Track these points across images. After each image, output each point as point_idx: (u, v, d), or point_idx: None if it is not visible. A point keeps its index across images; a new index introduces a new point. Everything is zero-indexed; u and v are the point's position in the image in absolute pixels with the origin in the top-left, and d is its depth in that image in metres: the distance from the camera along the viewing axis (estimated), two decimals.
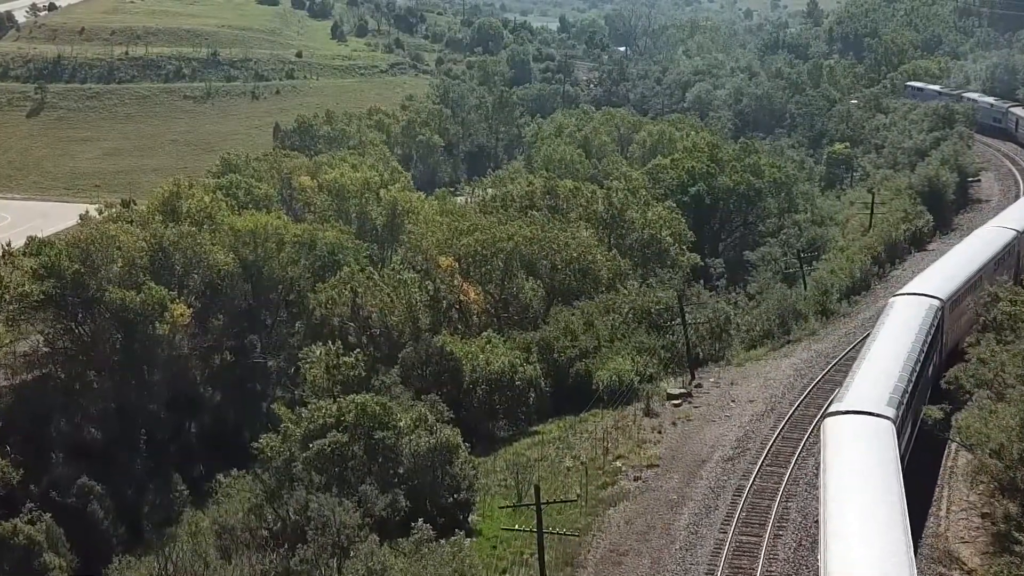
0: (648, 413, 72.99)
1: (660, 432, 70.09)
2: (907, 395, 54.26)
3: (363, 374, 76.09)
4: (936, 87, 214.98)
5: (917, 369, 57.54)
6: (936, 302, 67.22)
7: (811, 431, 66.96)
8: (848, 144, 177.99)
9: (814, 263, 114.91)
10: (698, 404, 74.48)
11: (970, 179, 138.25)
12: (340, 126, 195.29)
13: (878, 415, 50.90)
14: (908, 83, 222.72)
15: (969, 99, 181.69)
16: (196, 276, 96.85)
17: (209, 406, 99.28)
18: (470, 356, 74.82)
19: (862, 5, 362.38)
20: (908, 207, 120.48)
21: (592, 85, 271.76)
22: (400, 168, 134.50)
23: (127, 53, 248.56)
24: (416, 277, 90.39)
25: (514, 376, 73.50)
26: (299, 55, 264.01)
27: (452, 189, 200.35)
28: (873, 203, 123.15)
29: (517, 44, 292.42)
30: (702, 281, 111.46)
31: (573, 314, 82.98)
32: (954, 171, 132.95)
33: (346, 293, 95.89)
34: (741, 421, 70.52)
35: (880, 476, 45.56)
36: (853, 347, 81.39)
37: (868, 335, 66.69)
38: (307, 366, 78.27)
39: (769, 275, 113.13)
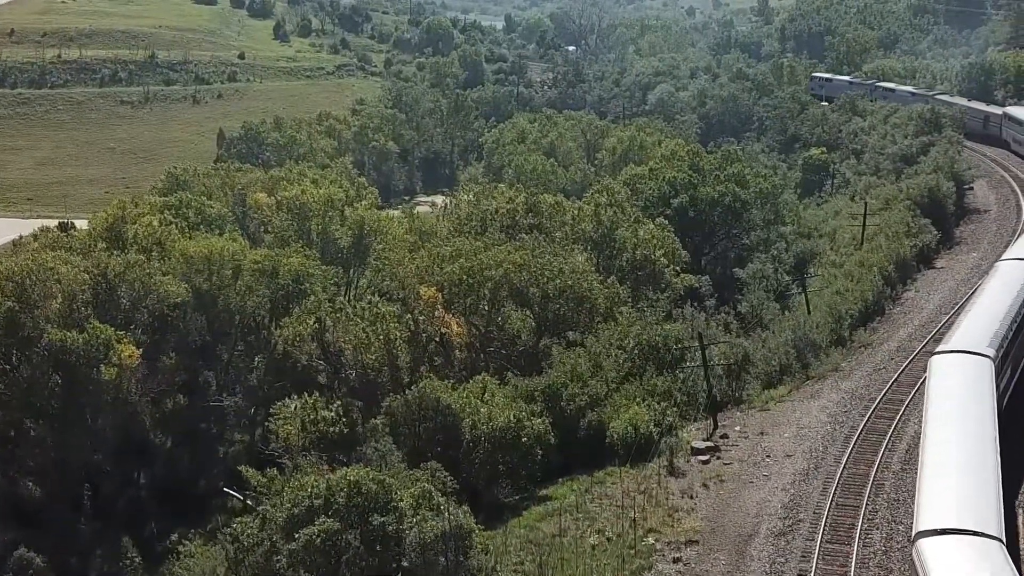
0: (673, 472, 63.88)
1: (692, 497, 60.94)
2: (1007, 340, 60.54)
3: (344, 431, 66.44)
4: (909, 88, 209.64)
5: (1018, 321, 63.30)
6: None
7: (868, 495, 58.49)
8: (825, 149, 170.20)
9: (808, 280, 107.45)
10: (728, 460, 65.42)
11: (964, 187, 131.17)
12: (289, 132, 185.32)
13: (978, 354, 57.13)
14: (878, 83, 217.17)
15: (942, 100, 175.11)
16: (145, 310, 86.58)
17: (160, 453, 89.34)
18: (469, 410, 65.22)
19: (813, 2, 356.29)
20: (909, 219, 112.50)
21: (546, 87, 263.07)
22: (366, 183, 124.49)
23: (60, 56, 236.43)
24: (395, 310, 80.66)
25: (520, 432, 64.01)
26: (241, 56, 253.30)
27: (408, 198, 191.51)
28: (865, 215, 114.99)
29: (468, 44, 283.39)
30: (690, 301, 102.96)
31: (579, 355, 73.45)
32: (950, 179, 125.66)
33: (311, 324, 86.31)
34: (783, 482, 61.60)
35: (976, 408, 51.74)
36: (888, 387, 73.19)
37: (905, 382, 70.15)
38: (280, 422, 68.31)
39: (762, 294, 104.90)
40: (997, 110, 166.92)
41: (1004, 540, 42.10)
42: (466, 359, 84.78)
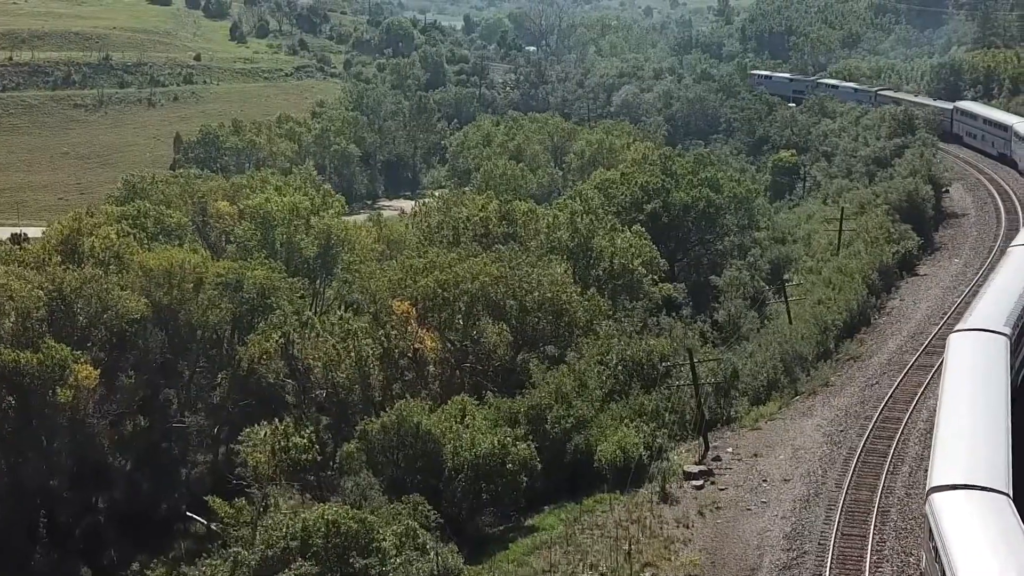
0: (666, 498, 60.49)
1: (688, 527, 57.59)
2: (1021, 320, 63.96)
3: (318, 458, 62.70)
4: (852, 85, 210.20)
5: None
6: None
7: (875, 524, 55.41)
8: (794, 151, 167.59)
9: (788, 288, 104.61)
10: (723, 485, 62.10)
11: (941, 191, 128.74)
12: (248, 136, 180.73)
13: (995, 332, 61.11)
14: (820, 80, 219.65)
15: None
16: (102, 327, 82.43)
17: (119, 477, 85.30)
18: (450, 435, 61.51)
19: (774, 2, 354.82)
20: (889, 225, 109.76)
21: (509, 88, 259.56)
22: (332, 190, 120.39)
23: (11, 59, 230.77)
24: (367, 326, 76.88)
25: (505, 459, 60.39)
26: (197, 58, 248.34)
27: (371, 202, 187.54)
28: (842, 219, 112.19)
29: (429, 45, 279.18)
30: (665, 310, 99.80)
31: (564, 374, 69.82)
32: (927, 183, 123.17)
33: (277, 340, 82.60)
34: (782, 510, 58.38)
35: (991, 379, 55.63)
36: (884, 404, 70.22)
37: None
38: (248, 449, 64.41)
39: (740, 302, 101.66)
40: (948, 105, 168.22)
41: (1011, 495, 45.47)
42: (441, 375, 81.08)
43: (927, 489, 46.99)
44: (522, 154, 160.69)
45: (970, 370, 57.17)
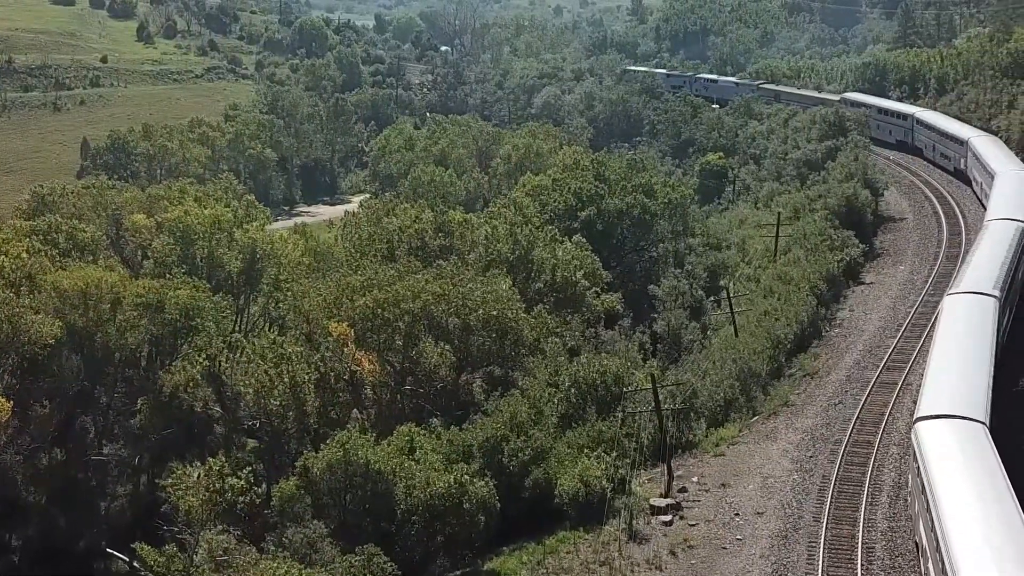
0: (633, 536, 56.56)
1: (660, 568, 53.67)
2: (1006, 284, 70.79)
3: (258, 500, 57.81)
4: (733, 79, 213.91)
5: (1011, 269, 74.05)
6: (1021, 224, 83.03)
7: (860, 563, 51.92)
8: (722, 154, 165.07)
9: (720, 293, 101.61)
10: (693, 520, 58.28)
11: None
12: (160, 141, 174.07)
13: (985, 294, 67.20)
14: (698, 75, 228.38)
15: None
16: (13, 353, 76.59)
17: (34, 512, 79.51)
18: (403, 473, 56.86)
19: (687, 1, 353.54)
20: (831, 231, 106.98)
21: (426, 89, 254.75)
22: (256, 202, 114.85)
23: None
24: (301, 350, 71.95)
25: (462, 498, 55.90)
26: (104, 60, 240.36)
27: (288, 208, 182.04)
28: (779, 225, 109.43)
29: (344, 46, 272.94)
30: (603, 321, 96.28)
31: (519, 402, 65.40)
32: (865, 187, 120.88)
33: (202, 363, 77.48)
34: (760, 547, 54.68)
35: (979, 331, 61.76)
36: (852, 427, 66.88)
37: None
38: (180, 492, 59.23)
39: (680, 312, 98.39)
40: (835, 96, 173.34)
41: (988, 424, 50.78)
42: (379, 399, 76.45)
43: (913, 419, 53.15)
44: (446, 159, 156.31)
45: (961, 324, 63.20)
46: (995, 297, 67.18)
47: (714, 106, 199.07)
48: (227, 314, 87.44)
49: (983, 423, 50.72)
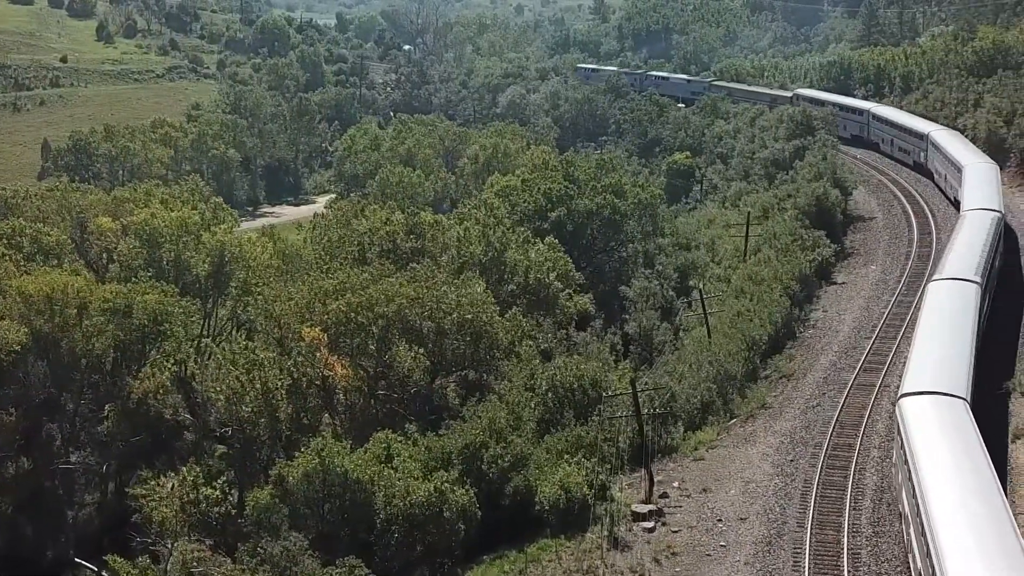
0: (616, 544, 55.81)
1: None
2: (985, 269, 74.82)
3: (232, 511, 56.67)
4: (684, 77, 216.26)
5: (989, 257, 78.25)
6: (998, 214, 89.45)
7: (847, 571, 51.34)
8: (689, 153, 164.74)
9: (691, 294, 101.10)
10: (676, 526, 57.56)
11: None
12: (122, 142, 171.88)
13: (968, 280, 71.07)
14: (649, 72, 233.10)
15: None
16: None
17: (1, 522, 78.17)
18: (382, 482, 55.85)
19: (649, 0, 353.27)
20: (803, 231, 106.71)
21: (390, 88, 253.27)
22: (224, 204, 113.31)
23: None
24: (274, 355, 70.75)
25: (442, 507, 54.96)
26: (64, 60, 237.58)
27: (252, 208, 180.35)
28: (748, 224, 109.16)
29: (306, 45, 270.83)
30: (574, 322, 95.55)
31: (497, 408, 64.45)
32: (835, 186, 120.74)
33: (170, 368, 76.28)
34: (744, 554, 54.02)
35: (961, 314, 65.15)
36: (832, 430, 66.38)
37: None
38: (153, 504, 57.97)
39: (652, 313, 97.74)
40: (787, 92, 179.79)
41: (969, 400, 53.50)
42: (353, 404, 75.35)
43: (898, 395, 55.82)
44: (413, 159, 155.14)
45: (945, 308, 66.56)
46: (977, 283, 71.00)
47: (680, 105, 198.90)
48: (195, 318, 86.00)
49: (964, 399, 53.67)
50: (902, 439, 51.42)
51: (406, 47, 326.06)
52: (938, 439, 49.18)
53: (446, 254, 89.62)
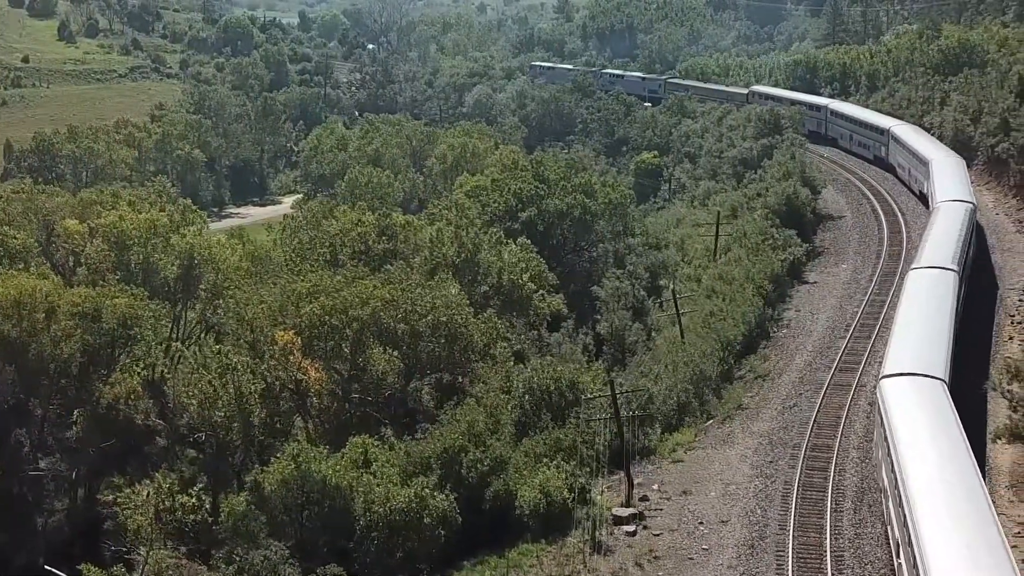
0: (598, 548, 55.35)
1: None
2: (962, 256, 78.40)
3: (208, 518, 55.90)
4: (638, 74, 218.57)
5: (964, 245, 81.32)
6: (971, 205, 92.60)
7: (831, 572, 51.13)
8: (656, 153, 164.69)
9: (662, 293, 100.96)
10: (657, 530, 57.16)
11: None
12: (86, 143, 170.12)
13: (946, 268, 73.92)
14: (603, 70, 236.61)
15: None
16: None
17: None
18: (361, 488, 55.23)
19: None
20: (774, 230, 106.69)
21: (355, 88, 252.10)
22: (193, 206, 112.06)
23: None
24: (247, 360, 69.95)
25: (422, 512, 54.41)
26: (25, 60, 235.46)
27: (217, 209, 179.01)
28: (718, 224, 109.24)
29: (270, 44, 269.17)
30: (546, 322, 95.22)
31: (476, 411, 63.87)
32: (804, 185, 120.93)
33: (140, 373, 75.38)
34: (727, 557, 53.68)
35: (940, 299, 68.12)
36: (810, 430, 66.19)
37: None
38: (128, 512, 57.12)
39: (624, 313, 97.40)
40: (743, 90, 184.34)
41: (947, 381, 55.59)
42: (327, 408, 74.61)
43: (879, 377, 57.92)
44: (380, 159, 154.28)
45: (924, 294, 69.16)
46: (954, 271, 73.83)
47: (646, 104, 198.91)
48: (164, 322, 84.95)
49: (943, 380, 55.94)
50: (882, 418, 53.62)
51: (370, 46, 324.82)
52: (916, 417, 51.45)
53: (419, 255, 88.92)
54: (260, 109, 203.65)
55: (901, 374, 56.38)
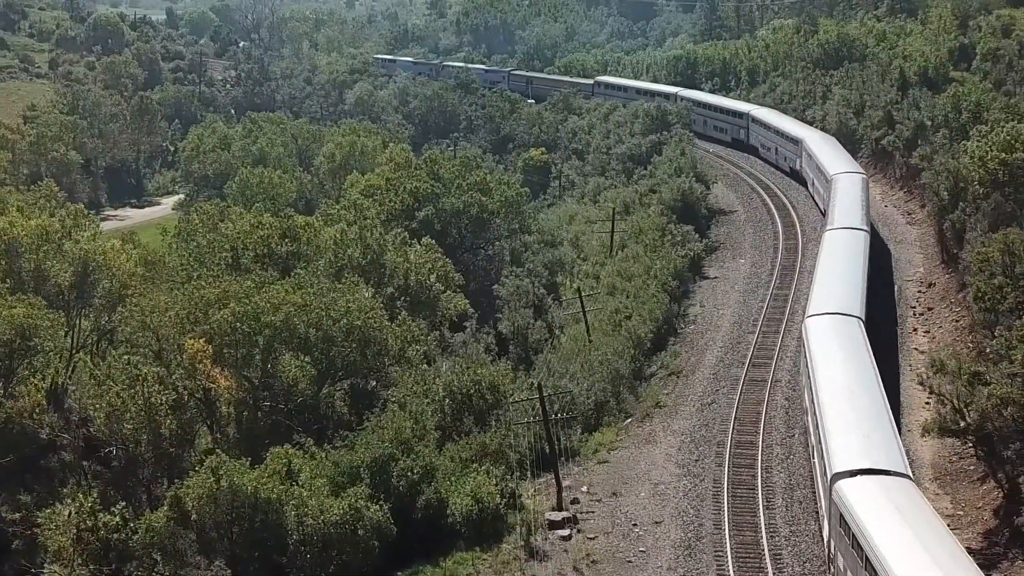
0: (533, 554, 54.71)
1: None
2: (867, 219, 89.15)
3: (130, 536, 53.89)
4: (482, 67, 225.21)
5: (866, 208, 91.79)
6: (862, 176, 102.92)
7: (771, 571, 51.22)
8: (544, 149, 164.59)
9: (560, 291, 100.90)
10: (591, 533, 56.72)
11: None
12: None
13: (856, 228, 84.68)
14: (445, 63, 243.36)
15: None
16: None
17: None
18: (293, 501, 53.70)
19: None
20: (672, 226, 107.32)
21: (230, 85, 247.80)
22: (85, 210, 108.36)
23: None
24: (157, 370, 67.72)
25: (356, 524, 53.12)
26: None
27: (95, 211, 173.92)
28: (614, 220, 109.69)
29: (142, 42, 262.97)
30: (449, 324, 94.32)
31: (401, 418, 62.58)
32: (697, 180, 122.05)
33: (39, 383, 72.68)
34: (665, 559, 53.49)
35: (855, 254, 78.37)
36: (733, 428, 66.44)
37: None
38: (48, 533, 54.79)
39: (526, 312, 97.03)
40: (588, 81, 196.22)
41: (863, 319, 65.69)
42: (239, 417, 72.69)
43: (804, 317, 68.23)
44: (266, 158, 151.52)
45: (840, 249, 79.93)
46: (865, 231, 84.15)
47: (530, 101, 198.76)
48: (61, 331, 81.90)
49: (859, 318, 65.08)
50: (806, 350, 62.14)
51: (243, 43, 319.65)
52: (833, 345, 60.46)
53: (323, 258, 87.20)
54: (136, 108, 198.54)
55: (824, 313, 65.44)
